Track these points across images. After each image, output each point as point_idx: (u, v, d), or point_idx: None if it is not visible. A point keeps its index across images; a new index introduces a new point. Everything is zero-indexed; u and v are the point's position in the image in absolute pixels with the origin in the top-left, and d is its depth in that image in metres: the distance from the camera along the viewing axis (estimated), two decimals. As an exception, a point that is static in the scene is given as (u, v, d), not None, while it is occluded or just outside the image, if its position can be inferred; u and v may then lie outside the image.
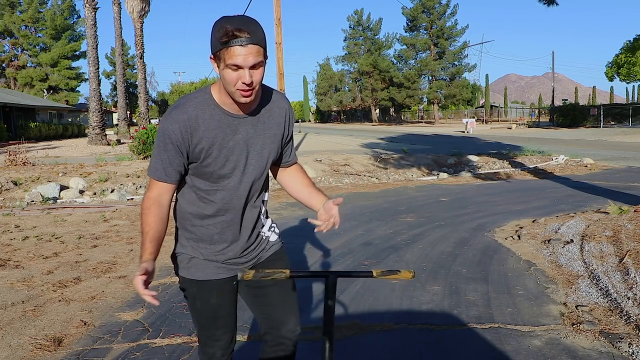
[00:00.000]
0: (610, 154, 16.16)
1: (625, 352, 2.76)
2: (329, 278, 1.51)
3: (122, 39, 28.60)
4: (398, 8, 67.14)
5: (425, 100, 62.40)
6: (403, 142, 22.76)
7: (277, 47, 15.48)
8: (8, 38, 52.57)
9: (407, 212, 7.22)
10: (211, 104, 1.60)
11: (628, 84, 48.16)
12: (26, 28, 52.16)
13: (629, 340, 2.88)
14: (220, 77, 1.53)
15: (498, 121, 59.66)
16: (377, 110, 68.20)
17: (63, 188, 9.44)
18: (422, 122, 62.25)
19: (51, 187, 9.22)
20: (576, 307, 3.43)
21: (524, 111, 64.36)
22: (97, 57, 23.02)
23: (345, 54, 66.65)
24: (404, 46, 58.65)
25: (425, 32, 56.95)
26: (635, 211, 5.74)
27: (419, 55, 57.89)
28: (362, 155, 15.34)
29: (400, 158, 14.63)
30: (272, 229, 1.89)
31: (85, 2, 21.97)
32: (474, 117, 48.64)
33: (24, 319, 3.46)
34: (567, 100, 53.99)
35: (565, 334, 3.02)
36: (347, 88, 68.89)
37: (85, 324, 3.36)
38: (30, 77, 52.17)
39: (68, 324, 3.36)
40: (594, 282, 3.87)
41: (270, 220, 1.90)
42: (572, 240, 4.97)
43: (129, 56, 57.20)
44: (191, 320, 2.51)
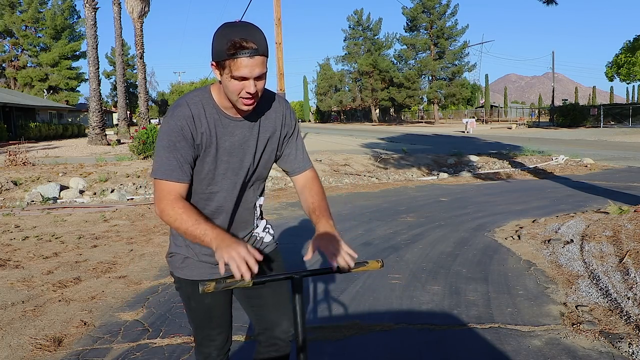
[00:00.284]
0: (610, 154, 16.16)
1: (625, 352, 2.76)
2: (295, 279, 1.50)
3: (122, 39, 28.61)
4: (398, 8, 67.25)
5: (425, 100, 62.41)
6: (403, 142, 22.77)
7: (277, 47, 15.47)
8: (8, 38, 52.59)
9: (407, 212, 7.22)
10: (210, 104, 1.60)
11: (628, 84, 48.12)
12: (26, 28, 52.16)
13: (629, 340, 2.88)
14: (221, 83, 1.51)
15: (498, 121, 59.66)
16: (377, 110, 68.21)
17: (63, 188, 9.44)
18: (422, 122, 62.25)
19: (51, 187, 9.22)
20: (576, 307, 3.43)
21: (524, 111, 64.37)
22: (97, 57, 23.04)
23: (345, 54, 66.66)
24: (404, 46, 58.66)
25: (425, 32, 56.96)
26: (635, 211, 5.74)
27: (419, 55, 57.91)
28: (362, 155, 15.35)
29: (400, 158, 14.63)
30: (267, 229, 1.88)
31: (85, 2, 21.98)
32: (474, 117, 48.63)
33: (24, 319, 3.46)
34: (567, 100, 53.97)
35: (565, 334, 3.02)
36: (347, 88, 68.90)
37: (85, 324, 3.36)
38: (30, 77, 52.18)
39: (68, 324, 3.36)
40: (594, 282, 3.87)
41: (264, 221, 1.89)
42: (572, 240, 4.97)
43: (129, 56, 57.20)
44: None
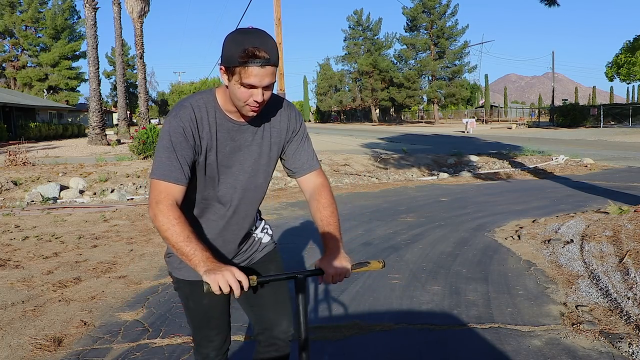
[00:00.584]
0: (610, 154, 16.16)
1: (625, 352, 2.76)
2: (298, 279, 1.52)
3: (122, 39, 28.62)
4: (398, 8, 67.25)
5: (425, 100, 62.41)
6: (403, 142, 22.77)
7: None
8: (8, 38, 52.59)
9: (407, 212, 7.22)
10: (214, 107, 1.58)
11: (628, 84, 48.10)
12: (26, 28, 52.17)
13: (629, 340, 2.88)
14: (228, 88, 1.50)
15: (498, 121, 59.65)
16: (377, 110, 68.20)
17: (63, 188, 9.44)
18: (422, 122, 62.24)
19: (51, 187, 9.22)
20: (576, 307, 3.43)
21: (524, 111, 64.35)
22: (97, 57, 23.03)
23: (345, 54, 66.65)
24: (404, 46, 58.63)
25: (425, 32, 56.95)
26: (635, 211, 5.74)
27: (419, 55, 57.91)
28: (362, 155, 15.35)
29: (400, 158, 14.63)
30: (265, 230, 1.88)
31: (85, 2, 21.98)
32: (473, 117, 48.63)
33: (24, 319, 3.46)
34: (567, 100, 53.96)
35: (565, 334, 3.02)
36: (347, 88, 68.90)
37: (85, 324, 3.36)
38: (30, 77, 52.18)
39: (68, 324, 3.36)
40: (594, 282, 3.87)
41: (263, 221, 1.89)
42: (572, 240, 4.97)
43: (129, 56, 57.23)
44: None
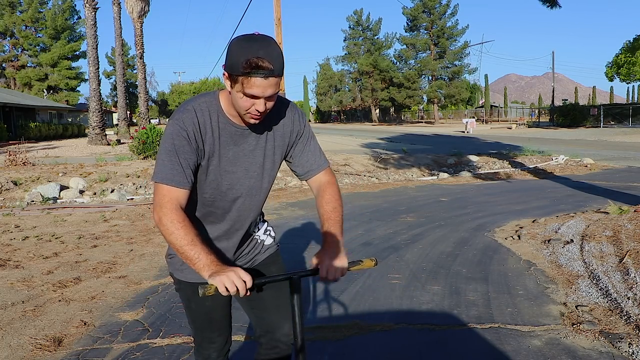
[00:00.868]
0: (610, 154, 16.16)
1: (625, 352, 2.76)
2: (293, 279, 1.51)
3: (122, 39, 28.62)
4: (398, 8, 67.24)
5: (425, 100, 62.43)
6: (403, 142, 22.77)
7: (277, 47, 15.45)
8: (8, 38, 52.59)
9: (407, 212, 7.22)
10: (217, 111, 1.56)
11: (628, 84, 48.14)
12: (26, 28, 52.17)
13: (629, 340, 2.88)
14: (230, 94, 1.49)
15: (498, 121, 59.65)
16: (377, 110, 68.21)
17: (63, 188, 9.44)
18: (422, 122, 62.25)
19: (51, 187, 9.22)
20: (576, 307, 3.43)
21: (524, 111, 64.34)
22: (97, 57, 23.03)
23: (345, 54, 66.68)
24: (404, 46, 58.66)
25: (425, 32, 56.97)
26: (635, 211, 5.74)
27: (419, 55, 57.92)
28: (362, 155, 15.35)
29: (400, 158, 14.64)
30: (268, 232, 1.87)
31: (85, 2, 21.98)
32: (473, 117, 48.65)
33: (24, 319, 3.46)
34: (567, 100, 53.97)
35: (565, 334, 3.02)
36: (347, 88, 68.91)
37: (85, 324, 3.36)
38: (30, 77, 52.19)
39: (68, 324, 3.36)
40: (594, 282, 3.87)
41: (266, 223, 1.88)
42: (572, 240, 4.97)
43: (129, 56, 57.27)
44: (191, 320, 2.50)
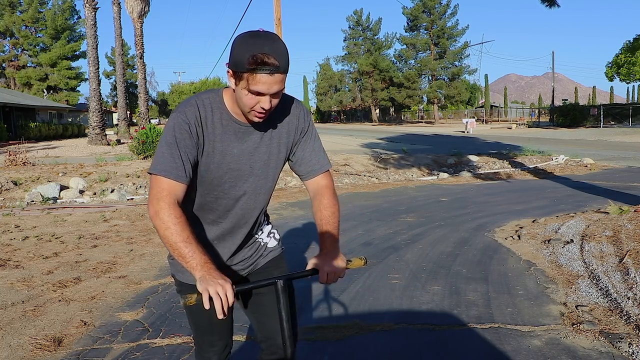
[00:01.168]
0: (610, 154, 16.16)
1: (625, 352, 2.76)
2: (278, 284, 1.50)
3: (122, 39, 28.61)
4: (398, 8, 67.27)
5: (425, 100, 62.44)
6: (403, 142, 22.77)
7: (277, 47, 15.45)
8: (8, 38, 52.59)
9: (407, 212, 7.22)
10: (220, 108, 1.55)
11: (628, 84, 48.12)
12: (26, 28, 52.16)
13: (629, 340, 2.88)
14: (235, 92, 1.47)
15: (498, 121, 59.65)
16: (377, 110, 68.21)
17: (63, 188, 9.44)
18: (422, 122, 62.24)
19: (51, 187, 9.22)
20: (576, 307, 3.43)
21: (524, 111, 64.32)
22: (97, 57, 23.04)
23: (345, 54, 66.69)
24: (404, 46, 58.67)
25: (425, 32, 56.98)
26: (635, 211, 5.74)
27: (419, 55, 57.92)
28: (362, 155, 15.35)
29: (400, 158, 14.64)
30: (272, 234, 1.85)
31: (85, 2, 21.98)
32: (473, 117, 48.65)
33: (24, 319, 3.46)
34: (567, 100, 53.98)
35: (565, 334, 3.02)
36: (347, 88, 68.90)
37: (85, 324, 3.36)
38: (30, 77, 52.19)
39: (68, 324, 3.36)
40: (594, 282, 3.87)
41: (270, 225, 1.86)
42: (572, 240, 4.97)
43: (129, 56, 57.25)
44: (191, 320, 2.50)
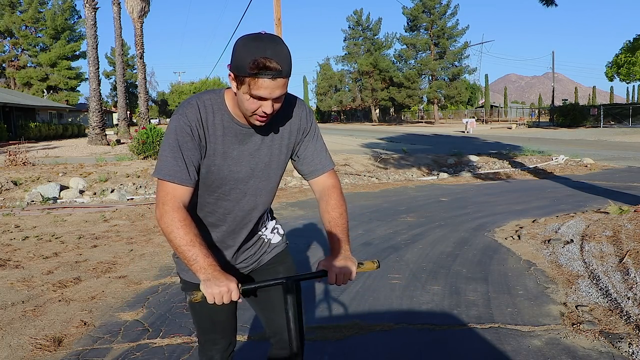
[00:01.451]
0: (610, 154, 16.16)
1: (625, 352, 2.76)
2: (286, 284, 1.50)
3: (122, 39, 28.61)
4: (398, 8, 67.27)
5: (425, 100, 62.45)
6: (403, 142, 22.77)
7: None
8: (8, 38, 52.58)
9: (407, 212, 7.22)
10: (222, 109, 1.53)
11: (628, 84, 48.15)
12: (26, 28, 52.15)
13: (629, 340, 2.88)
14: (236, 95, 1.45)
15: (498, 121, 59.65)
16: (377, 110, 68.21)
17: (63, 188, 9.44)
18: (422, 122, 62.25)
19: (51, 187, 9.22)
20: (576, 307, 3.43)
21: (524, 111, 64.32)
22: (97, 57, 23.03)
23: (345, 54, 66.69)
24: (404, 46, 58.68)
25: (425, 32, 56.99)
26: (635, 211, 5.74)
27: (419, 55, 57.93)
28: (362, 155, 15.36)
29: (400, 158, 14.64)
30: (276, 230, 1.84)
31: (85, 2, 21.98)
32: (473, 117, 48.66)
33: (24, 319, 3.46)
34: (567, 100, 53.98)
35: (565, 334, 3.02)
36: (347, 88, 68.90)
37: (85, 324, 3.36)
38: (30, 77, 52.18)
39: (68, 324, 3.36)
40: (594, 282, 3.87)
41: (274, 221, 1.85)
42: (572, 240, 4.97)
43: (129, 56, 57.24)
44: (191, 320, 2.51)
